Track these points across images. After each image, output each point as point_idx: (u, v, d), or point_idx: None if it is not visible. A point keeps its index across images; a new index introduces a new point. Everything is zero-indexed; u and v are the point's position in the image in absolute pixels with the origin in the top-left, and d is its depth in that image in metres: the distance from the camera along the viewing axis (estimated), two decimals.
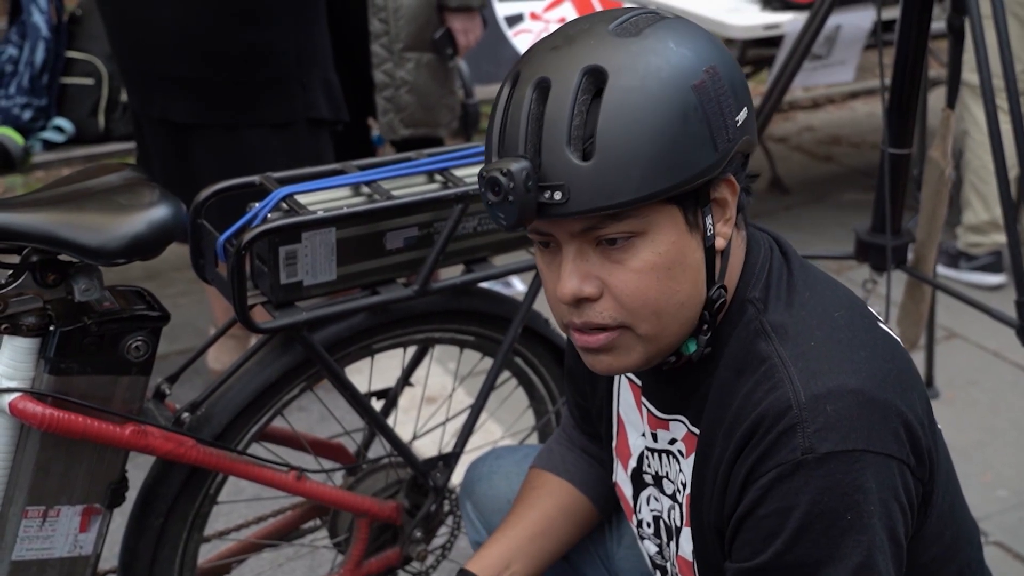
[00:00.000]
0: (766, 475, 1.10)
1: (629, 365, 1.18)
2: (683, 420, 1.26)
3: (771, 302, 1.18)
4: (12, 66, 3.17)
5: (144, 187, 1.47)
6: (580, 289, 1.12)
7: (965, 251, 3.50)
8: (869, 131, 4.95)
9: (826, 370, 1.11)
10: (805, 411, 1.09)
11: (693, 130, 1.07)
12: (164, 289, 3.44)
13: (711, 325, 1.18)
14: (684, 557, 1.30)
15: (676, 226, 1.12)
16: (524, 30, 4.11)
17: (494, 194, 1.08)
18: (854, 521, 1.08)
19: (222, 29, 2.34)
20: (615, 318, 1.13)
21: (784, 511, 1.09)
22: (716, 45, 1.14)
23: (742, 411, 1.14)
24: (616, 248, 1.11)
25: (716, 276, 1.17)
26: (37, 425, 1.43)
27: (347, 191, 1.64)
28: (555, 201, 1.07)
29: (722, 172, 1.12)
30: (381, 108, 2.86)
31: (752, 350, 1.16)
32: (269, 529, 1.92)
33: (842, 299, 1.21)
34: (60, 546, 1.53)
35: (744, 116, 1.13)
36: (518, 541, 1.47)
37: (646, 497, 1.37)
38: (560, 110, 1.06)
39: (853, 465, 1.08)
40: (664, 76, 1.07)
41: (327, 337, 1.66)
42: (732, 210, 1.17)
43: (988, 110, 1.97)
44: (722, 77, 1.10)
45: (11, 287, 1.41)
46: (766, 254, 1.22)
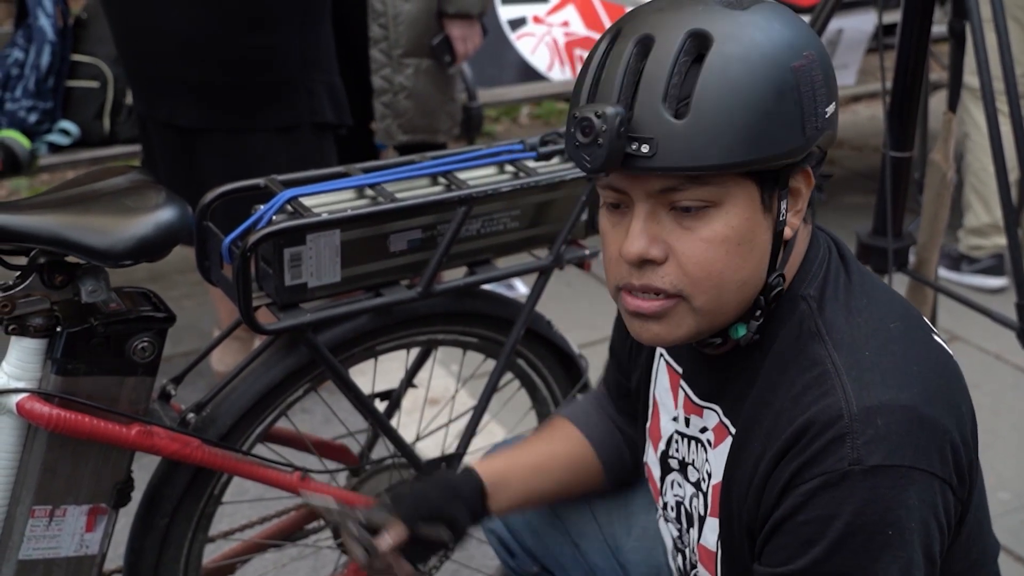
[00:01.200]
0: (810, 482, 1.10)
1: (678, 337, 1.17)
2: (717, 410, 1.26)
3: (827, 303, 1.18)
4: (18, 69, 3.18)
5: (150, 189, 1.48)
6: (647, 250, 1.12)
7: (966, 254, 3.51)
8: (871, 134, 4.96)
9: (879, 382, 1.11)
10: (856, 422, 1.08)
11: (786, 109, 1.08)
12: (168, 291, 3.45)
13: (764, 311, 1.18)
14: (706, 547, 1.30)
15: (752, 203, 1.12)
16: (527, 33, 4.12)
17: (584, 135, 1.07)
18: (894, 537, 1.08)
19: (228, 34, 2.35)
20: (675, 285, 1.13)
21: (826, 519, 1.09)
22: (815, 35, 1.15)
23: (786, 413, 1.13)
24: (689, 215, 1.11)
25: (778, 264, 1.17)
26: (44, 425, 1.44)
27: (351, 193, 1.65)
28: (642, 154, 1.07)
29: (804, 160, 1.14)
30: (379, 113, 2.87)
31: (804, 351, 1.15)
32: (273, 529, 1.92)
33: (898, 309, 1.20)
34: (66, 545, 1.54)
35: (832, 109, 1.15)
36: (521, 467, 1.49)
37: (671, 482, 1.38)
38: (660, 67, 1.07)
39: (899, 481, 1.08)
40: (767, 51, 1.08)
41: (331, 338, 1.67)
42: (804, 202, 1.18)
43: (988, 113, 1.98)
44: (819, 65, 1.12)
45: (19, 288, 1.42)
46: (824, 253, 1.23)
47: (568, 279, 3.37)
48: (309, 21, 2.43)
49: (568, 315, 2.49)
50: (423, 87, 2.88)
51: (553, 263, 1.80)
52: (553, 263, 1.80)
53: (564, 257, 1.81)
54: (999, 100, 2.12)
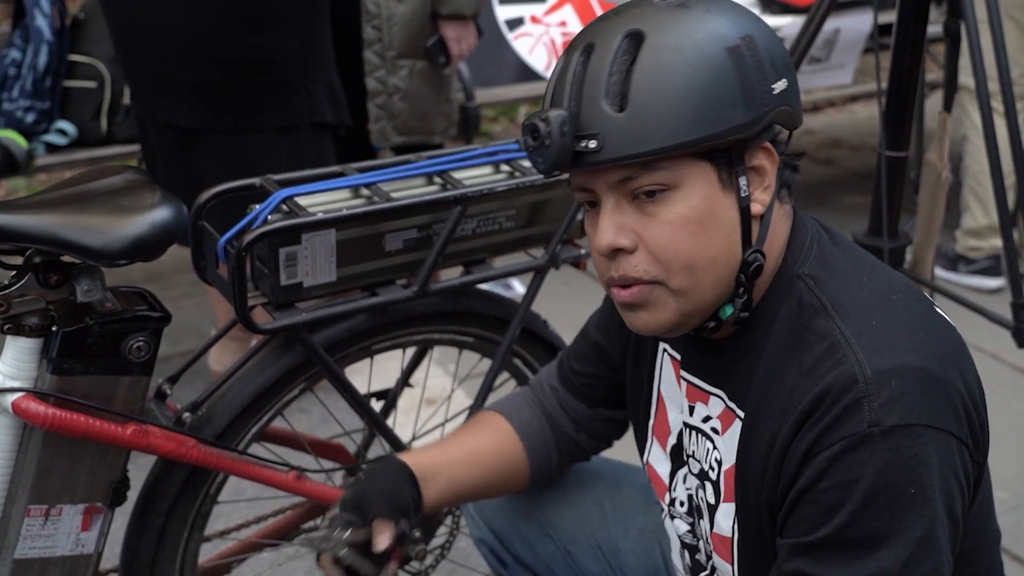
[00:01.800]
0: (830, 448, 1.11)
1: (665, 322, 1.20)
2: (722, 395, 1.28)
3: (826, 281, 1.20)
4: (15, 69, 3.18)
5: (146, 189, 1.48)
6: (615, 240, 1.17)
7: (963, 254, 3.51)
8: (869, 134, 4.97)
9: (890, 347, 1.13)
10: (872, 385, 1.10)
11: (725, 88, 1.12)
12: (165, 291, 3.46)
13: (747, 289, 1.20)
14: (720, 534, 1.31)
15: (708, 182, 1.16)
16: (525, 33, 4.13)
17: (533, 139, 1.15)
18: (917, 495, 1.10)
19: (227, 34, 2.35)
20: (648, 271, 1.17)
21: (848, 484, 1.10)
22: (757, 20, 1.18)
23: (801, 386, 1.15)
24: (651, 201, 1.15)
25: (754, 240, 1.19)
26: (40, 424, 1.44)
27: (347, 193, 1.65)
28: (589, 149, 1.13)
29: (757, 137, 1.16)
30: (374, 115, 2.87)
31: (811, 326, 1.17)
32: (269, 529, 1.93)
33: (899, 283, 1.23)
34: (62, 545, 1.54)
35: (783, 86, 1.17)
36: (450, 460, 1.49)
37: (683, 476, 1.38)
38: (600, 68, 1.14)
39: (917, 439, 1.09)
40: (698, 38, 1.13)
41: (327, 338, 1.67)
42: (770, 179, 1.20)
43: (983, 114, 1.98)
44: (759, 46, 1.15)
45: (14, 288, 1.42)
46: (814, 235, 1.25)
47: (564, 278, 3.38)
48: (309, 21, 2.44)
49: (564, 314, 2.50)
50: (417, 88, 2.88)
51: (549, 262, 1.80)
52: (549, 262, 1.80)
53: (560, 256, 1.81)
54: (995, 101, 2.12)
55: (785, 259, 1.23)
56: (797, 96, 1.20)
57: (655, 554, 1.59)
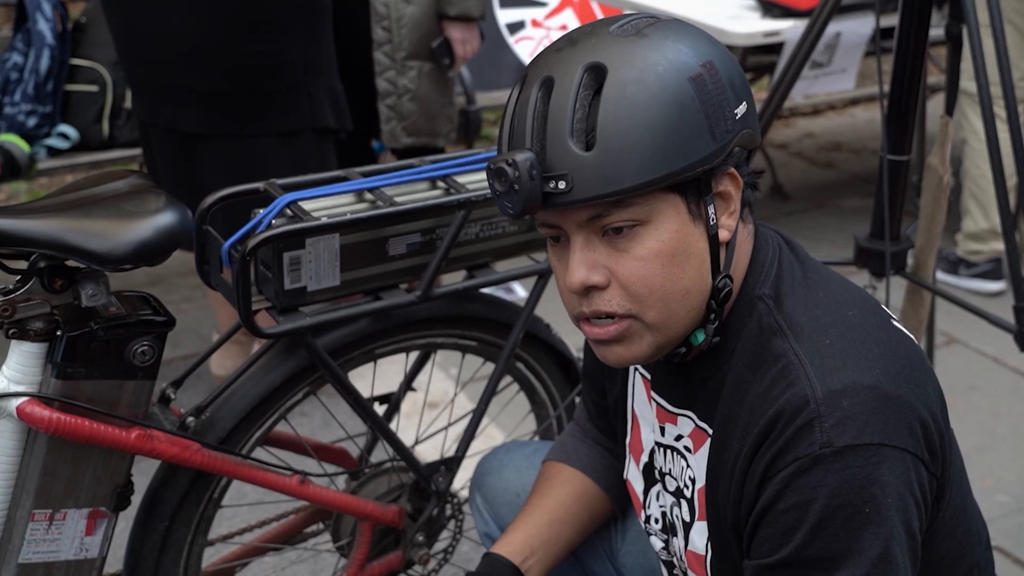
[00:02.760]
0: (784, 470, 1.12)
1: (639, 355, 1.20)
2: (691, 416, 1.28)
3: (784, 299, 1.20)
4: (17, 73, 3.19)
5: (150, 193, 1.48)
6: (588, 278, 1.15)
7: (964, 258, 3.51)
8: (869, 137, 4.97)
9: (841, 367, 1.13)
10: (822, 406, 1.11)
11: (690, 120, 1.11)
12: (167, 295, 3.46)
13: (718, 315, 1.20)
14: (694, 551, 1.31)
15: (679, 215, 1.15)
16: (525, 37, 4.13)
17: (500, 184, 1.12)
18: (872, 514, 1.10)
19: (231, 40, 2.36)
20: (623, 306, 1.16)
21: (803, 505, 1.11)
22: (714, 43, 1.17)
23: (758, 408, 1.15)
24: (621, 237, 1.14)
25: (722, 266, 1.19)
26: (44, 429, 1.44)
27: (350, 197, 1.65)
28: (559, 190, 1.11)
29: (723, 163, 1.15)
30: (384, 116, 2.87)
31: (767, 347, 1.17)
32: (272, 533, 1.93)
33: (855, 298, 1.23)
34: (66, 549, 1.54)
35: (743, 110, 1.16)
36: (538, 528, 1.49)
37: (655, 493, 1.39)
38: (563, 105, 1.11)
39: (870, 459, 1.10)
40: (661, 70, 1.11)
41: (330, 342, 1.67)
42: (736, 203, 1.19)
43: (986, 117, 1.98)
44: (719, 71, 1.14)
45: (19, 292, 1.42)
46: (775, 251, 1.25)
47: None
48: (311, 27, 2.44)
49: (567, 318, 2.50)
50: (425, 90, 2.88)
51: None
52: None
53: None
54: (996, 105, 2.12)
55: (746, 279, 1.23)
56: (755, 117, 1.20)
57: (651, 555, 1.59)
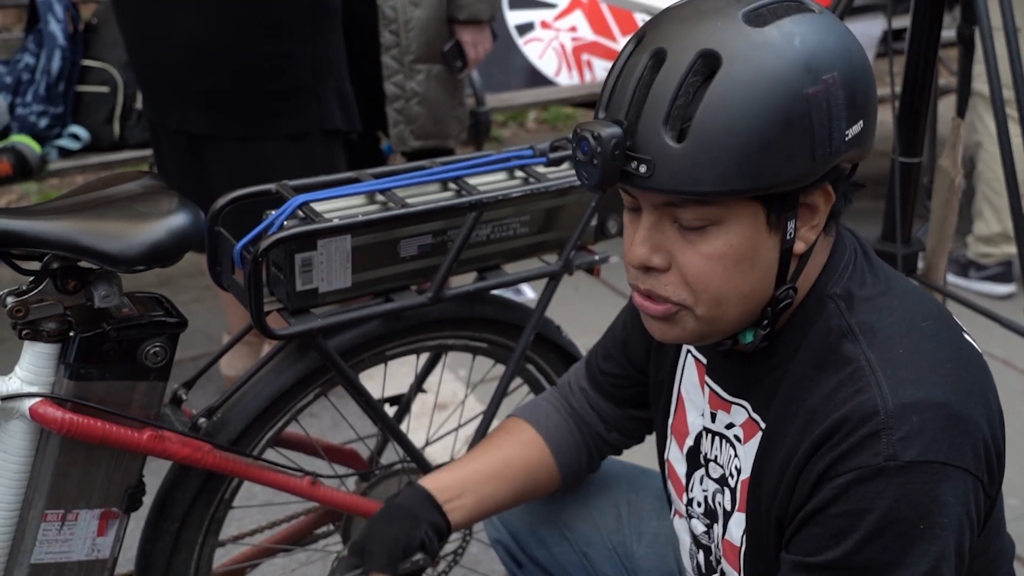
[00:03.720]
0: (844, 475, 1.10)
1: (682, 337, 1.20)
2: (746, 406, 1.27)
3: (857, 303, 1.18)
4: (29, 74, 3.20)
5: (163, 195, 1.48)
6: (648, 258, 1.15)
7: (975, 260, 3.51)
8: (880, 139, 4.94)
9: (914, 379, 1.11)
10: (892, 418, 1.09)
11: (793, 138, 1.06)
12: (177, 296, 3.46)
13: (771, 322, 1.19)
14: (730, 541, 1.31)
15: (756, 223, 1.12)
16: (535, 39, 4.13)
17: (582, 152, 1.10)
18: (926, 531, 1.09)
19: (240, 42, 2.36)
20: (677, 294, 1.16)
21: (859, 513, 1.10)
22: (847, 50, 1.10)
23: (822, 409, 1.14)
24: (692, 230, 1.12)
25: (788, 277, 1.17)
26: (57, 430, 1.44)
27: (362, 199, 1.65)
28: (639, 173, 1.08)
29: (818, 182, 1.12)
30: (392, 120, 2.88)
31: (836, 349, 1.16)
32: (283, 534, 1.93)
33: (930, 308, 1.21)
34: (78, 549, 1.54)
35: (857, 130, 1.11)
36: (476, 475, 1.48)
37: (699, 477, 1.38)
38: (667, 86, 1.07)
39: (933, 476, 1.08)
40: (777, 76, 1.05)
41: (341, 343, 1.68)
42: (821, 217, 1.16)
43: (998, 120, 1.97)
44: (842, 87, 1.08)
45: (32, 293, 1.43)
46: (851, 255, 1.22)
47: (577, 284, 3.38)
48: (320, 28, 2.44)
49: (578, 320, 2.50)
50: (434, 93, 2.89)
51: (563, 269, 1.80)
52: (563, 269, 1.80)
53: (574, 262, 1.81)
54: (1010, 107, 2.12)
55: (819, 278, 1.21)
56: (872, 132, 1.15)
57: (669, 558, 1.59)
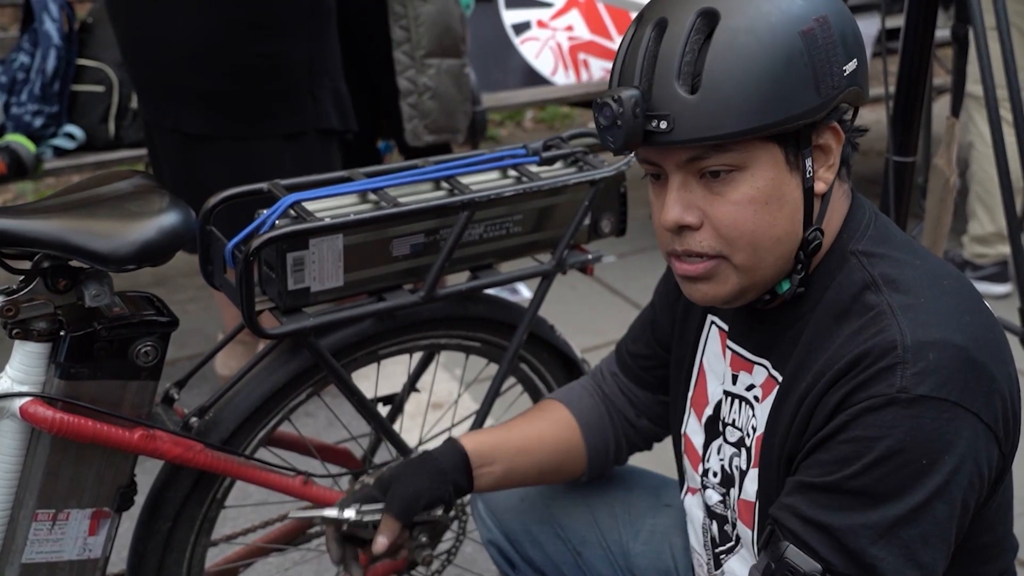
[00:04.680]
0: (857, 404, 1.13)
1: (725, 294, 1.23)
2: (766, 365, 1.30)
3: (879, 258, 1.22)
4: (24, 73, 3.19)
5: (154, 194, 1.48)
6: (682, 217, 1.20)
7: (970, 260, 3.51)
8: (875, 139, 4.96)
9: (934, 323, 1.14)
10: (909, 353, 1.12)
11: (797, 73, 1.13)
12: (173, 295, 3.46)
13: (805, 265, 1.23)
14: (746, 499, 1.33)
15: (776, 164, 1.18)
16: (531, 38, 4.13)
17: (605, 118, 1.16)
18: (927, 467, 1.11)
19: (235, 42, 2.36)
20: (713, 247, 1.20)
21: (865, 440, 1.12)
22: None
23: (841, 350, 1.17)
24: (718, 181, 1.18)
25: (815, 218, 1.22)
26: (47, 429, 1.44)
27: (354, 198, 1.65)
28: (660, 130, 1.15)
29: (826, 118, 1.18)
30: (407, 115, 2.88)
31: (859, 299, 1.19)
32: (276, 533, 1.93)
33: (951, 271, 1.25)
34: (69, 549, 1.54)
35: (853, 66, 1.19)
36: (508, 446, 1.52)
37: (717, 446, 1.40)
38: (673, 47, 1.15)
39: (943, 414, 1.10)
40: (773, 20, 1.13)
41: (334, 343, 1.67)
42: (836, 157, 1.23)
43: (992, 120, 1.97)
44: (832, 27, 1.16)
45: (23, 292, 1.43)
46: (871, 217, 1.27)
47: (571, 283, 3.38)
48: (315, 28, 2.44)
49: (571, 319, 2.50)
50: (445, 87, 2.90)
51: (556, 268, 1.80)
52: (556, 268, 1.80)
53: (567, 262, 1.81)
54: (1002, 108, 2.12)
55: (840, 235, 1.25)
56: (866, 74, 1.22)
57: (666, 555, 1.59)
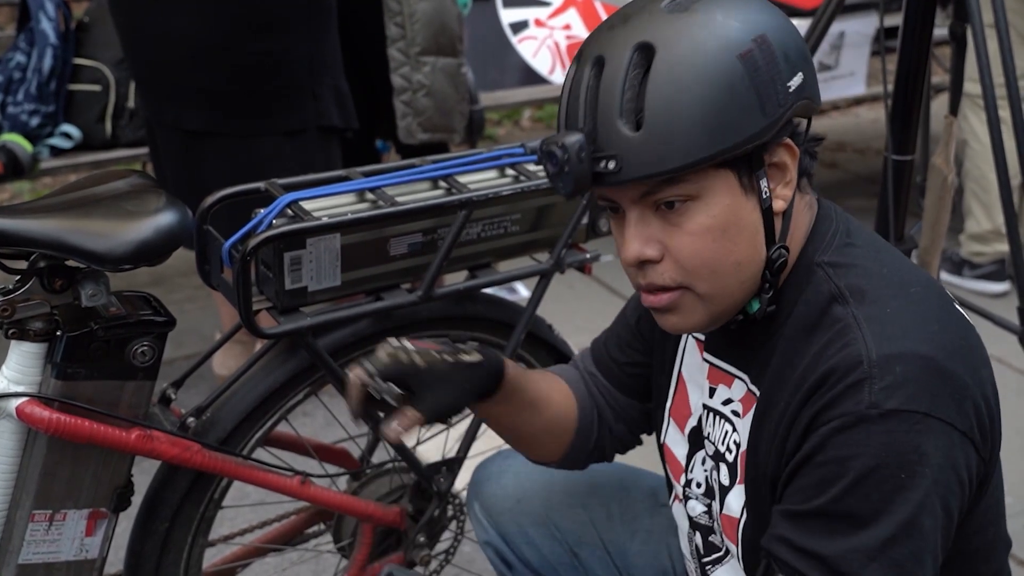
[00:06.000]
0: (828, 424, 1.13)
1: (694, 324, 1.23)
2: (744, 379, 1.30)
3: (846, 268, 1.21)
4: (20, 73, 3.18)
5: (151, 193, 1.48)
6: (642, 252, 1.19)
7: (968, 259, 3.50)
8: (874, 137, 4.96)
9: (900, 334, 1.14)
10: (875, 368, 1.11)
11: (740, 98, 1.12)
12: (170, 295, 3.46)
13: (772, 284, 1.22)
14: (729, 515, 1.32)
15: (730, 189, 1.17)
16: (529, 37, 4.13)
17: (552, 165, 1.16)
18: (907, 480, 1.10)
19: (237, 39, 2.36)
20: (675, 279, 1.19)
21: (841, 460, 1.12)
22: (769, 13, 1.17)
23: (812, 366, 1.16)
24: (674, 212, 1.17)
25: (777, 237, 1.21)
26: (44, 429, 1.44)
27: (352, 197, 1.65)
28: (609, 170, 1.14)
29: (775, 136, 1.17)
30: (400, 112, 2.87)
31: (826, 312, 1.19)
32: (273, 534, 1.92)
33: (920, 277, 1.24)
34: (66, 550, 1.54)
35: (799, 81, 1.17)
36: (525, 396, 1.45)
37: (700, 458, 1.39)
38: (613, 85, 1.14)
39: (914, 426, 1.10)
40: (709, 47, 1.12)
41: (331, 342, 1.67)
42: (792, 173, 1.21)
43: (990, 118, 1.97)
44: (772, 45, 1.14)
45: (19, 292, 1.42)
46: (838, 224, 1.26)
47: (569, 282, 3.37)
48: (316, 26, 2.44)
49: (569, 319, 2.50)
50: (440, 85, 2.89)
51: (554, 267, 1.80)
52: (554, 267, 1.80)
53: (565, 261, 1.81)
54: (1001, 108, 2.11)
55: (805, 248, 1.24)
56: (814, 83, 1.20)
57: (663, 556, 1.59)
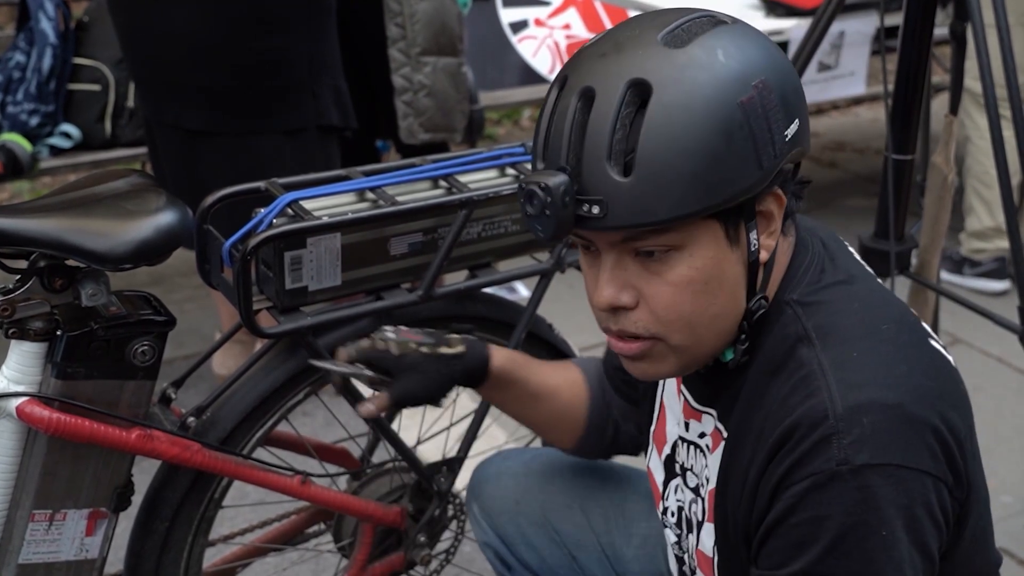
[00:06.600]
0: (799, 483, 1.09)
1: (664, 372, 1.19)
2: (712, 415, 1.27)
3: (814, 307, 1.16)
4: (20, 72, 3.18)
5: (151, 192, 1.48)
6: (616, 298, 1.13)
7: (968, 257, 3.50)
8: (873, 137, 4.96)
9: (865, 382, 1.10)
10: (841, 422, 1.07)
11: (737, 149, 1.06)
12: (170, 295, 3.45)
13: (748, 335, 1.17)
14: (703, 552, 1.30)
15: (716, 241, 1.11)
16: (528, 36, 4.13)
17: (533, 208, 1.08)
18: (888, 537, 1.07)
19: (236, 38, 2.35)
20: (648, 329, 1.14)
21: (816, 520, 1.08)
22: (770, 54, 1.11)
23: (775, 415, 1.13)
24: (654, 260, 1.11)
25: (758, 287, 1.16)
26: (44, 429, 1.44)
27: (352, 197, 1.65)
28: (593, 215, 1.06)
29: (768, 187, 1.11)
30: (401, 112, 2.88)
31: (791, 354, 1.14)
32: (273, 533, 1.92)
33: (893, 312, 1.19)
34: (66, 549, 1.53)
35: (795, 129, 1.11)
36: (527, 386, 1.46)
37: (675, 487, 1.37)
38: (603, 123, 1.05)
39: (888, 479, 1.07)
40: (709, 93, 1.05)
41: (332, 342, 1.66)
42: (777, 222, 1.16)
43: (990, 116, 1.97)
44: (773, 90, 1.08)
45: (19, 292, 1.42)
46: (812, 257, 1.21)
47: (570, 282, 3.37)
48: (316, 24, 2.44)
49: (569, 318, 2.49)
50: (441, 85, 2.89)
51: (554, 266, 1.80)
52: (554, 266, 1.80)
53: (565, 260, 1.81)
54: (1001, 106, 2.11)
55: (779, 285, 1.20)
56: (808, 128, 1.15)
57: (659, 560, 1.58)
